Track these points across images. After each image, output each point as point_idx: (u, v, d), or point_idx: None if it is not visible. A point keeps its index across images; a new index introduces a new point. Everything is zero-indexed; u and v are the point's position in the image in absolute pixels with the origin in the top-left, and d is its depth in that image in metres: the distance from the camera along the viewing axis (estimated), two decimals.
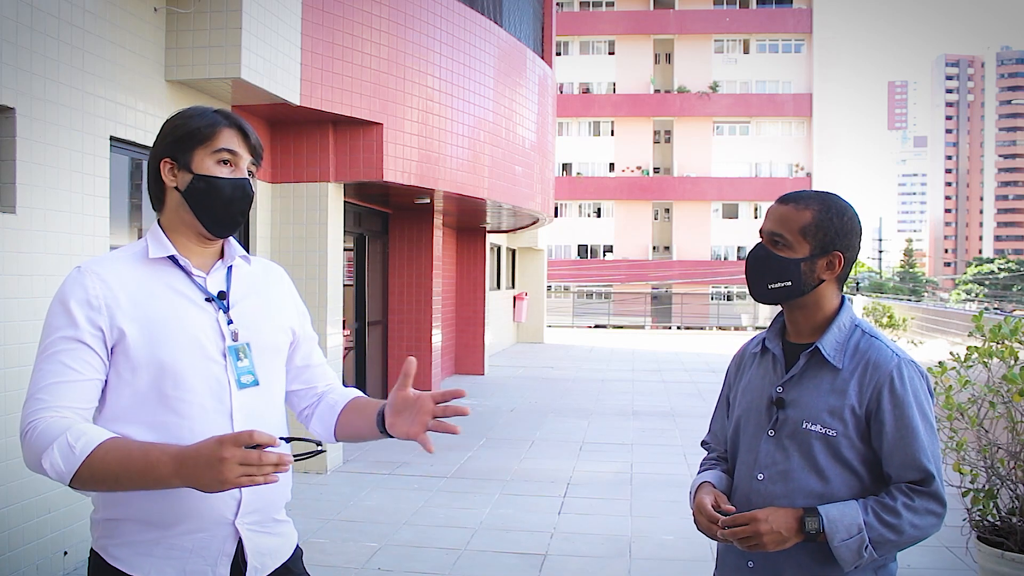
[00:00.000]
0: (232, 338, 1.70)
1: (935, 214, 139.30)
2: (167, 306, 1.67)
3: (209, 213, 1.71)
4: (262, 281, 1.85)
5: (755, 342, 2.02)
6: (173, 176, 1.73)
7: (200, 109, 1.76)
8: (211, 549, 1.65)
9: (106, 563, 1.65)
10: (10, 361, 4.00)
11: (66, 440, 1.50)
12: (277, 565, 1.76)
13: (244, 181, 1.75)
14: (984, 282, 72.05)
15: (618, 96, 42.75)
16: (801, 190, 1.90)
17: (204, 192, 1.70)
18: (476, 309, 14.13)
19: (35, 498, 4.13)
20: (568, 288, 40.95)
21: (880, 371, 1.78)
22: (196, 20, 5.26)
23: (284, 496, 1.80)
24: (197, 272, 1.74)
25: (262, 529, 1.72)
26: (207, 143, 1.71)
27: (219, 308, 1.72)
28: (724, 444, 2.05)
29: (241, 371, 1.69)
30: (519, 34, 10.94)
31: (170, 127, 1.76)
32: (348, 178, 7.20)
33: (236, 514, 1.65)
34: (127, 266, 1.70)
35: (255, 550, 1.70)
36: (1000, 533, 3.97)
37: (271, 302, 1.84)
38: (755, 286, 1.88)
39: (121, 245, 5.04)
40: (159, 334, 1.63)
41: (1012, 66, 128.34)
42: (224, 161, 1.72)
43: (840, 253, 1.82)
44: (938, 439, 1.81)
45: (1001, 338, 4.16)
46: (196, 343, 1.66)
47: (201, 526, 1.63)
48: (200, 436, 1.57)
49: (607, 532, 5.40)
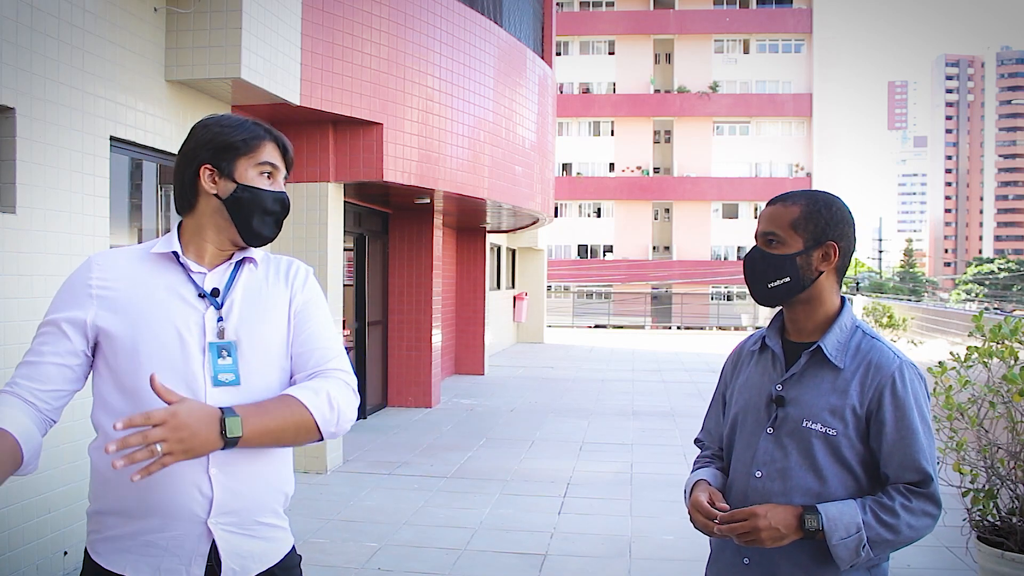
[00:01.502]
0: (217, 335, 1.69)
1: (935, 214, 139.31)
2: (154, 301, 1.70)
3: (248, 222, 1.75)
4: (266, 282, 1.81)
5: (753, 340, 2.02)
6: (213, 183, 1.74)
7: (238, 119, 1.78)
8: (185, 548, 1.65)
9: (91, 560, 1.70)
10: (10, 361, 3.99)
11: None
12: (261, 569, 1.73)
13: (284, 195, 1.80)
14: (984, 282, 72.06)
15: (618, 96, 42.75)
16: (790, 191, 1.91)
17: (248, 202, 1.74)
18: (476, 309, 14.13)
19: (35, 498, 4.13)
20: (568, 288, 40.95)
21: (882, 372, 1.79)
22: (196, 20, 5.26)
23: (273, 499, 1.75)
24: (197, 269, 1.75)
25: (241, 531, 1.69)
26: (251, 154, 1.75)
27: (210, 305, 1.72)
28: (718, 441, 2.05)
29: (220, 368, 1.68)
30: (519, 34, 10.93)
31: (209, 134, 1.75)
32: (348, 178, 7.20)
33: (208, 513, 1.64)
34: (130, 260, 1.75)
35: (231, 551, 1.67)
36: (1000, 533, 3.97)
37: (270, 303, 1.78)
38: (755, 287, 1.89)
39: (121, 245, 5.06)
40: (141, 326, 1.67)
41: (1012, 66, 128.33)
42: (266, 174, 1.77)
43: (834, 243, 1.83)
44: (935, 441, 1.82)
45: (1001, 338, 4.16)
46: (176, 338, 1.67)
47: (173, 523, 1.63)
48: None
49: (607, 532, 5.40)
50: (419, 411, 10.03)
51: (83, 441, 4.44)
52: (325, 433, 1.69)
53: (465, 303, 14.19)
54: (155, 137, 5.19)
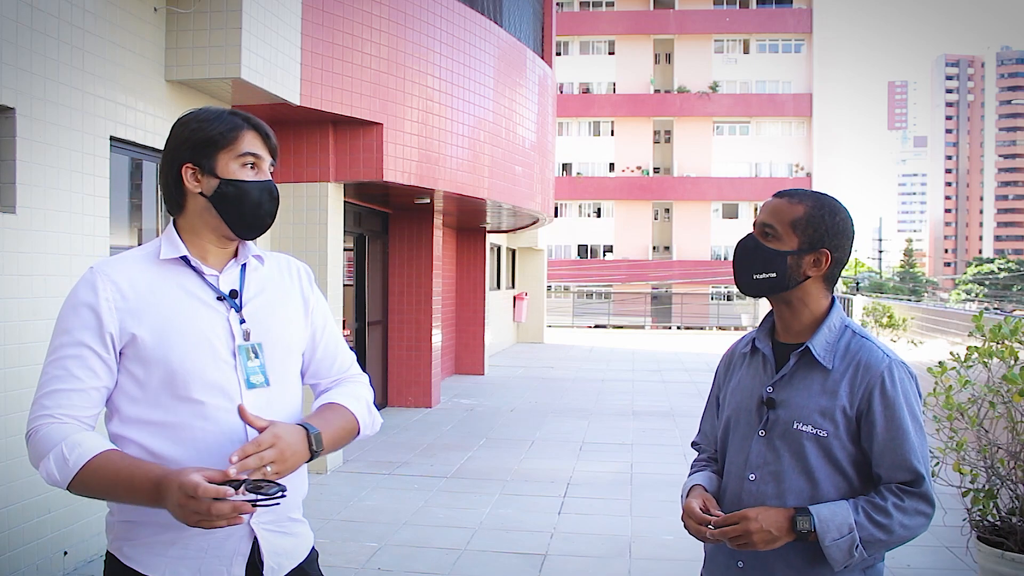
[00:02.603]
0: (243, 337, 1.68)
1: (935, 214, 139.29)
2: (177, 307, 1.65)
3: (238, 217, 1.70)
4: (276, 279, 1.82)
5: (744, 342, 2.02)
6: (196, 181, 1.70)
7: (215, 111, 1.72)
8: (226, 549, 1.64)
9: (122, 564, 1.65)
10: (10, 361, 4.00)
11: (61, 451, 1.52)
12: (293, 566, 1.74)
13: (270, 183, 1.75)
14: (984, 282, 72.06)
15: (618, 96, 42.75)
16: (798, 188, 1.90)
17: (233, 196, 1.69)
18: (476, 309, 14.13)
19: (35, 498, 4.13)
20: (568, 288, 40.94)
21: (871, 372, 1.78)
22: (196, 20, 5.26)
23: (300, 493, 1.79)
24: (210, 271, 1.72)
25: (278, 529, 1.71)
26: (230, 147, 1.69)
27: (231, 307, 1.70)
28: (714, 444, 2.05)
29: (251, 371, 1.67)
30: (519, 34, 10.93)
31: (187, 131, 1.70)
32: (348, 178, 7.20)
33: (251, 514, 1.64)
34: (138, 267, 1.68)
35: (271, 550, 1.69)
36: (1000, 533, 3.97)
37: (284, 301, 1.80)
38: (741, 276, 1.88)
39: (121, 245, 5.06)
40: (169, 335, 1.62)
41: (1012, 66, 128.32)
42: (249, 164, 1.71)
43: (828, 252, 1.82)
44: (927, 440, 1.81)
45: (1001, 338, 4.15)
46: (206, 343, 1.64)
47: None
48: (213, 438, 1.60)
49: (607, 532, 5.40)
50: (419, 411, 10.03)
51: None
52: (363, 437, 1.81)
53: (465, 303, 14.19)
54: (155, 137, 5.19)
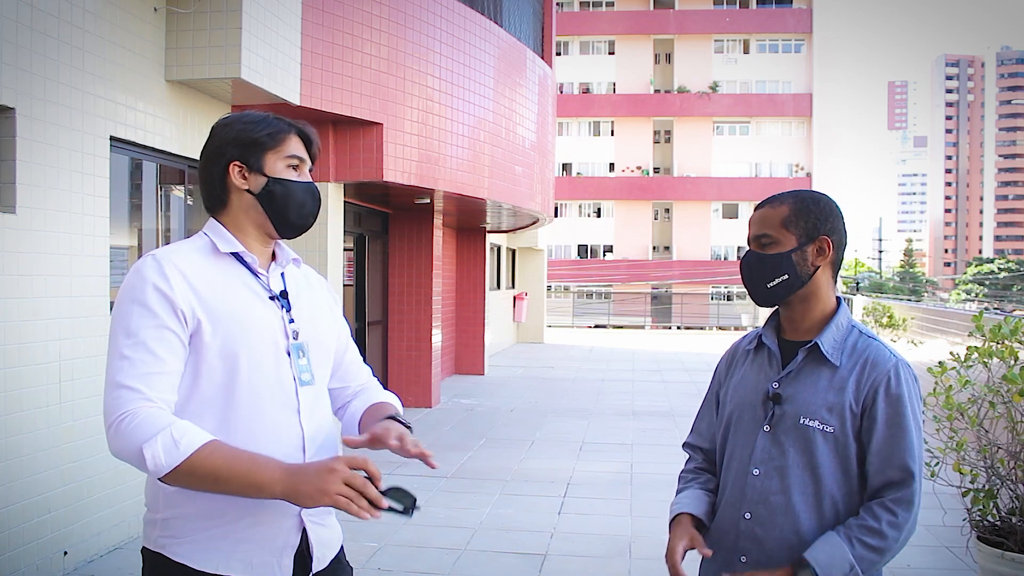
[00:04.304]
0: (294, 336, 1.74)
1: (935, 214, 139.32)
2: (241, 300, 1.69)
3: (283, 215, 1.77)
4: (308, 284, 1.90)
5: (748, 339, 2.03)
6: (244, 178, 1.75)
7: (261, 115, 1.80)
8: (277, 541, 1.67)
9: (168, 560, 1.65)
10: (10, 361, 3.99)
11: (171, 434, 1.51)
12: (332, 556, 1.81)
13: (313, 185, 1.83)
14: (984, 282, 72.08)
15: (618, 96, 42.76)
16: (775, 194, 1.93)
17: (281, 195, 1.76)
18: (476, 309, 14.13)
19: (35, 498, 4.13)
20: (568, 288, 40.95)
21: (878, 370, 1.80)
22: (196, 20, 5.26)
23: None
24: (261, 270, 1.77)
25: (321, 521, 1.76)
26: (277, 148, 1.77)
27: (282, 306, 1.76)
28: (710, 443, 2.06)
29: (301, 369, 1.74)
30: (519, 34, 10.94)
31: (233, 132, 1.76)
32: (348, 178, 7.20)
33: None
34: (200, 257, 1.71)
35: (318, 541, 1.75)
36: (1000, 533, 3.97)
37: (319, 306, 1.88)
38: (754, 289, 1.90)
39: (121, 245, 5.06)
40: (234, 327, 1.65)
41: (1012, 66, 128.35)
42: (293, 166, 1.79)
43: (827, 237, 1.85)
44: (923, 444, 1.83)
45: (1001, 338, 4.15)
46: (270, 339, 1.70)
47: (268, 520, 1.65)
48: (271, 431, 1.65)
49: (607, 532, 5.40)
50: (419, 411, 10.03)
51: (83, 441, 4.44)
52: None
53: (465, 303, 14.19)
54: (155, 137, 5.19)
